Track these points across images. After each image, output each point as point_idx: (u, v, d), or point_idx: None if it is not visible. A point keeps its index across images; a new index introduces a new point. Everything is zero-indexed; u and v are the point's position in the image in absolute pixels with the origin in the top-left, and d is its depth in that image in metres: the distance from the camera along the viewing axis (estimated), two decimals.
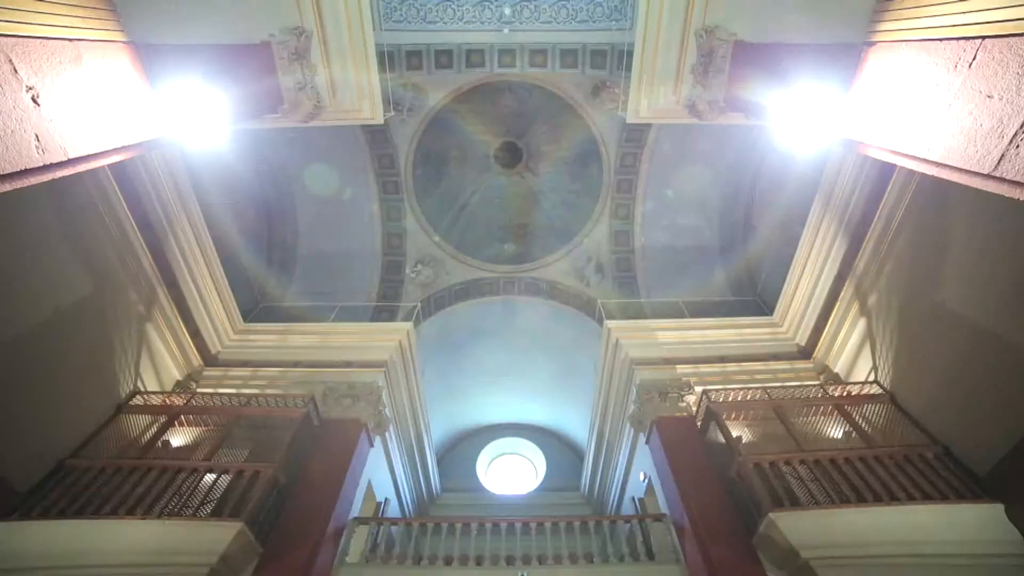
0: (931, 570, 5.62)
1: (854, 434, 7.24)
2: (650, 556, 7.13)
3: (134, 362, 7.85)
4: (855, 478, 6.25)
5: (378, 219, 11.91)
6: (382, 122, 7.62)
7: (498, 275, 12.80)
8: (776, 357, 9.49)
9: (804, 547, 5.68)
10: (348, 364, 9.39)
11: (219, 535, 5.80)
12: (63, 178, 3.48)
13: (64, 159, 3.35)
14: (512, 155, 11.86)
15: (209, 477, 6.68)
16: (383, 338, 9.86)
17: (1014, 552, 5.45)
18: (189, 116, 4.85)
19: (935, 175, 3.48)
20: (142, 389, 7.97)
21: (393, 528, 8.53)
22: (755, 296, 11.11)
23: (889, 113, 4.03)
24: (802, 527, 5.80)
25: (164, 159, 7.50)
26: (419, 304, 11.66)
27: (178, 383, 8.82)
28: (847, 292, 8.21)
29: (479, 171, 12.11)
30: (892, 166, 6.72)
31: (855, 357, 8.37)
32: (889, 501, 5.90)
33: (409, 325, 10.17)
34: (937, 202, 6.37)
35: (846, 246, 7.96)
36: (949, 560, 5.63)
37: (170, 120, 4.80)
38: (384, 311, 11.51)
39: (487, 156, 11.85)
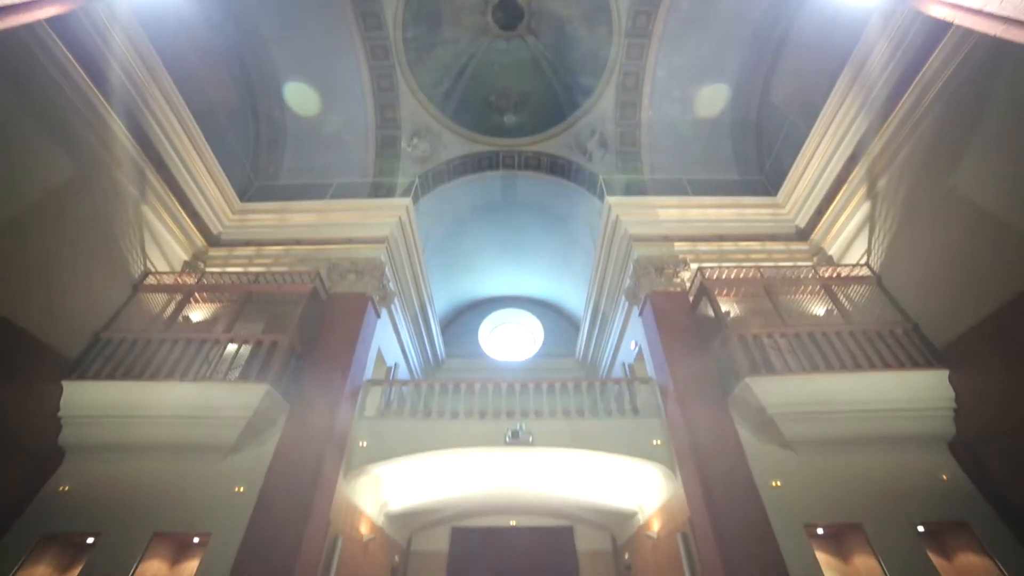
0: (874, 421, 6.55)
1: (835, 312, 7.74)
2: (635, 412, 8.04)
3: (139, 244, 8.03)
4: (828, 350, 6.92)
5: (368, 88, 11.00)
6: None
7: (497, 148, 12.25)
8: (774, 238, 9.62)
9: (771, 405, 6.48)
10: (350, 241, 9.54)
11: (250, 394, 6.56)
12: (10, 49, 3.12)
13: None
14: (512, 14, 10.53)
15: (231, 347, 7.30)
16: (382, 215, 9.85)
17: (945, 407, 6.51)
18: None
19: (999, 35, 3.19)
20: (153, 270, 8.34)
21: (403, 388, 9.42)
22: (761, 176, 10.83)
23: None
24: (772, 389, 6.54)
25: (124, 30, 6.86)
26: (417, 180, 11.39)
27: (186, 263, 9.08)
28: (857, 174, 8.02)
29: (476, 34, 10.83)
30: (939, 33, 6.16)
31: (851, 241, 8.51)
32: (854, 369, 6.67)
33: (408, 201, 10.08)
34: (983, 76, 5.90)
35: (867, 124, 7.57)
36: (891, 414, 6.55)
37: None
38: (382, 188, 11.29)
39: (484, 14, 10.55)
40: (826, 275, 8.15)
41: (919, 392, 6.53)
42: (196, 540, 6.58)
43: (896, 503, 6.07)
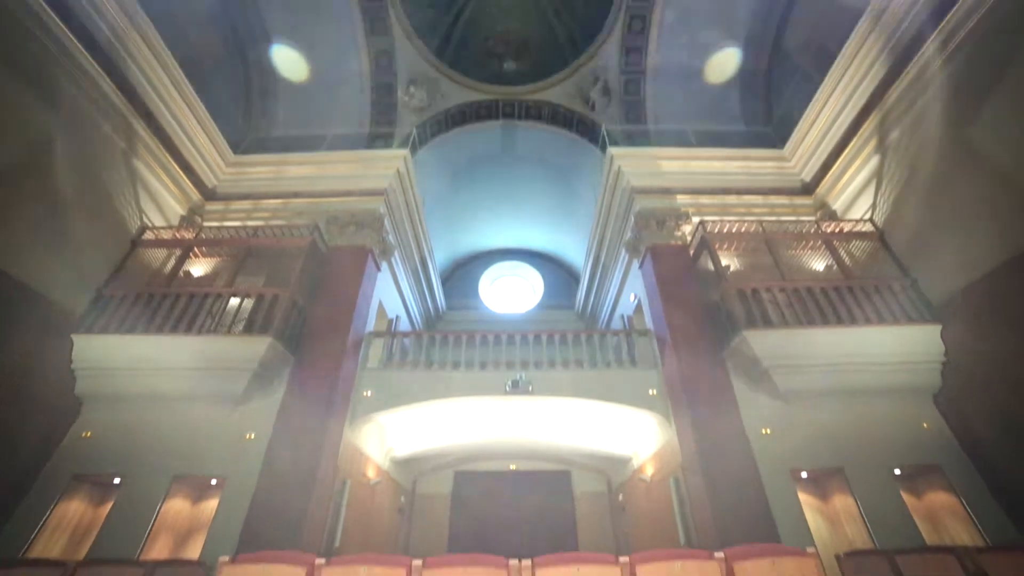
0: (865, 374, 6.77)
1: (835, 267, 7.75)
2: (633, 363, 8.25)
3: (134, 199, 7.92)
4: (826, 304, 7.02)
5: (360, 32, 10.45)
6: None
7: (497, 97, 11.82)
8: (777, 192, 9.49)
9: (766, 358, 6.65)
10: (348, 193, 9.41)
11: (254, 347, 6.71)
12: None
13: None
14: None
15: (234, 301, 7.37)
16: (380, 166, 9.66)
17: (934, 360, 6.72)
18: None
19: None
20: (150, 225, 8.28)
21: (405, 340, 9.64)
22: (768, 128, 10.52)
23: None
24: (768, 343, 6.68)
25: None
26: (415, 130, 11.08)
27: (182, 218, 9.00)
28: (868, 126, 7.80)
29: None
30: None
31: (856, 196, 8.40)
32: (849, 324, 6.77)
33: (405, 152, 9.85)
34: (1010, 28, 5.61)
35: (884, 72, 7.28)
36: (882, 367, 6.76)
37: None
38: (379, 138, 11.00)
39: None
40: (828, 230, 8.12)
41: (911, 346, 6.70)
42: (213, 483, 6.95)
43: (877, 449, 6.42)
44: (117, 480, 6.44)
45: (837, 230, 8.09)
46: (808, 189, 9.39)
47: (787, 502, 5.95)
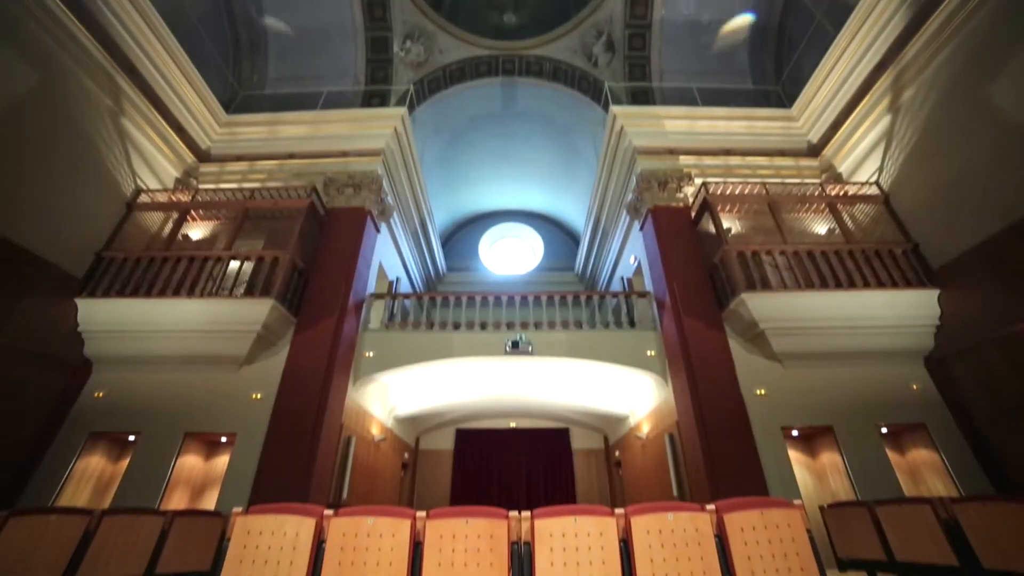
0: (861, 336, 6.88)
1: (837, 231, 7.72)
2: (631, 324, 8.36)
3: (125, 160, 7.76)
4: (826, 268, 7.04)
5: None
6: None
7: (496, 52, 11.38)
8: (783, 153, 9.31)
9: (764, 320, 6.74)
10: (344, 154, 9.25)
11: (257, 309, 6.77)
12: None
13: None
14: None
15: (234, 265, 7.37)
16: (377, 125, 9.43)
17: (929, 324, 6.83)
18: None
19: None
20: (145, 188, 8.17)
21: (406, 301, 9.70)
22: (777, 87, 10.18)
23: None
24: (766, 305, 6.74)
25: None
26: (412, 87, 10.73)
27: (177, 180, 8.87)
28: (882, 84, 7.57)
29: None
30: None
31: (863, 158, 8.25)
32: (848, 287, 6.81)
33: (403, 110, 9.59)
34: None
35: (904, 25, 6.98)
36: (877, 330, 6.87)
37: None
38: (375, 96, 10.67)
39: None
40: (833, 193, 8.03)
41: (908, 310, 6.79)
42: (224, 440, 7.20)
43: (866, 409, 6.63)
44: (132, 437, 6.71)
45: (841, 193, 8.00)
46: (814, 151, 9.22)
47: (777, 458, 6.18)
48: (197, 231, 8.41)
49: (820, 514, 5.21)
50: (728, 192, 8.08)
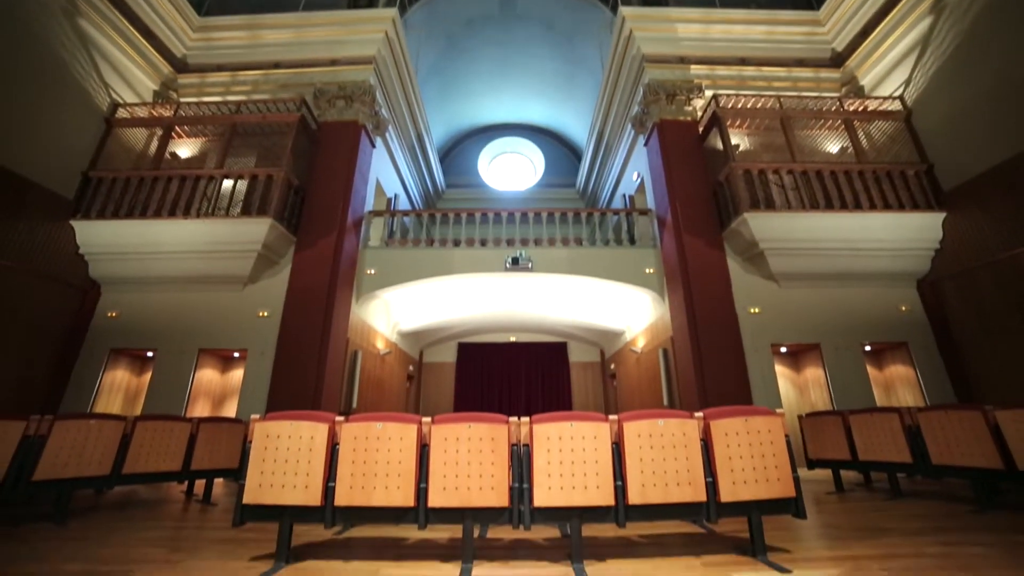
0: (859, 259, 6.94)
1: (850, 150, 7.43)
2: (632, 242, 8.36)
3: (93, 70, 7.23)
4: (833, 189, 6.90)
5: None
6: None
7: None
8: (802, 63, 8.68)
9: (764, 240, 6.74)
10: (334, 62, 8.64)
11: (255, 228, 6.75)
12: None
13: None
14: None
15: (227, 183, 7.21)
16: (366, 29, 8.70)
17: (929, 247, 6.86)
18: None
19: None
20: (122, 102, 7.74)
21: (405, 219, 9.63)
22: None
23: None
24: (768, 225, 6.70)
25: None
26: None
27: (156, 93, 8.37)
28: None
29: None
30: None
31: (890, 69, 7.72)
32: (854, 209, 6.72)
33: (393, 12, 8.80)
34: None
35: None
36: (877, 252, 6.91)
37: None
38: None
39: None
40: (852, 108, 7.63)
41: (910, 233, 6.77)
42: (236, 355, 7.53)
43: (853, 328, 6.90)
44: (150, 354, 7.04)
45: (861, 108, 7.60)
46: (838, 61, 8.60)
47: (764, 372, 6.52)
48: (185, 149, 8.11)
49: (798, 423, 5.60)
50: (739, 106, 7.67)
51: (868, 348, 7.00)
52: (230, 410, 7.80)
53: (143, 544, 3.03)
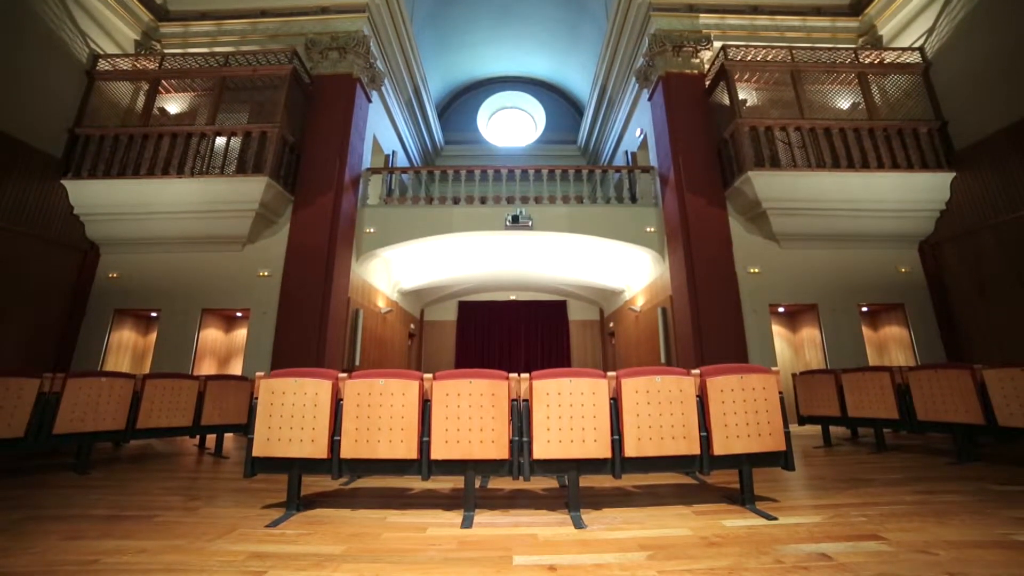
0: (863, 220, 6.88)
1: (862, 106, 7.21)
2: (633, 200, 8.27)
3: (67, 17, 6.85)
4: (841, 147, 6.77)
5: None
6: None
7: None
8: (819, 12, 8.25)
9: (767, 199, 6.67)
10: (324, 9, 8.23)
11: (251, 187, 6.66)
12: None
13: None
14: None
15: (220, 141, 7.04)
16: None
17: (934, 209, 6.80)
18: None
19: None
20: (102, 52, 7.43)
21: (404, 176, 9.46)
22: None
23: None
24: (772, 185, 6.61)
25: None
26: None
27: (137, 44, 8.03)
28: None
29: None
30: None
31: (912, 18, 7.38)
32: (860, 169, 6.60)
33: None
34: None
35: None
36: (881, 214, 6.86)
37: None
38: None
39: None
40: (867, 60, 7.35)
41: (917, 194, 6.68)
42: (239, 314, 7.60)
43: (851, 289, 6.95)
44: (154, 314, 7.11)
45: (877, 60, 7.32)
46: (857, 8, 8.18)
47: (761, 332, 6.61)
48: (174, 104, 7.86)
49: (792, 380, 5.73)
50: (749, 58, 7.39)
51: (865, 309, 7.08)
52: (236, 368, 7.97)
53: (163, 492, 3.18)
